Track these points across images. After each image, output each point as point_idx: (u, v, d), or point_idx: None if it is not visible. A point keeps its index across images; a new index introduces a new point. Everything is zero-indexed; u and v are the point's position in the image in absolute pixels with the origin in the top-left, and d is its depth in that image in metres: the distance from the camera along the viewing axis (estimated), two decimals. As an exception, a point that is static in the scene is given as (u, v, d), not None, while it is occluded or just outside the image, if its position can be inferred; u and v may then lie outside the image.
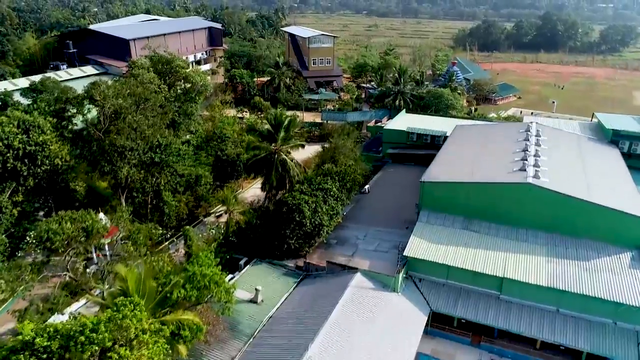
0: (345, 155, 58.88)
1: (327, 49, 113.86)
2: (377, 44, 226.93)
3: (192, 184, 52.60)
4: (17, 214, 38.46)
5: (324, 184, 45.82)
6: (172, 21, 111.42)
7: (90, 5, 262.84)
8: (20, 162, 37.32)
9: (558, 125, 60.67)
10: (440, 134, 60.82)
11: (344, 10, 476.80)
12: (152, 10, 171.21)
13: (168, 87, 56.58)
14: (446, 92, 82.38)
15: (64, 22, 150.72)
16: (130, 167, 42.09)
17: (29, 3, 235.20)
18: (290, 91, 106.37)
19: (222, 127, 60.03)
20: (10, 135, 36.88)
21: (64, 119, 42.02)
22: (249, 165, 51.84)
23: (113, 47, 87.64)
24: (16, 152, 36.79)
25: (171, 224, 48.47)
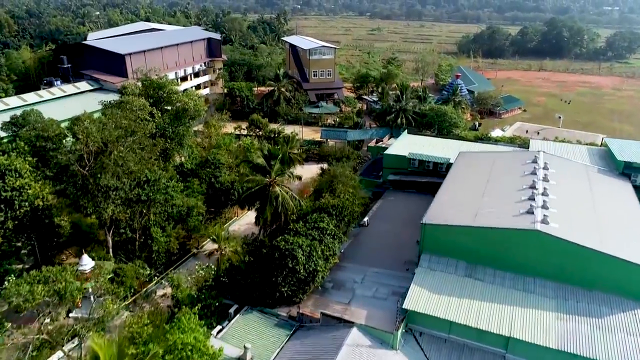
0: (344, 184, 56.65)
1: (328, 61, 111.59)
2: (380, 50, 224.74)
3: (184, 216, 50.44)
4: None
5: (320, 223, 43.57)
6: (170, 33, 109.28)
7: (92, 9, 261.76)
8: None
9: (566, 153, 58.21)
10: (443, 161, 58.50)
11: (347, 12, 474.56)
12: (152, 18, 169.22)
13: (161, 113, 54.45)
14: (449, 110, 79.99)
15: (63, 29, 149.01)
16: (115, 206, 39.93)
17: (30, 8, 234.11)
18: (290, 104, 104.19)
19: (215, 153, 57.81)
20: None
21: (45, 158, 39.85)
22: (242, 198, 49.60)
23: (108, 62, 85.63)
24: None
25: (160, 261, 46.30)
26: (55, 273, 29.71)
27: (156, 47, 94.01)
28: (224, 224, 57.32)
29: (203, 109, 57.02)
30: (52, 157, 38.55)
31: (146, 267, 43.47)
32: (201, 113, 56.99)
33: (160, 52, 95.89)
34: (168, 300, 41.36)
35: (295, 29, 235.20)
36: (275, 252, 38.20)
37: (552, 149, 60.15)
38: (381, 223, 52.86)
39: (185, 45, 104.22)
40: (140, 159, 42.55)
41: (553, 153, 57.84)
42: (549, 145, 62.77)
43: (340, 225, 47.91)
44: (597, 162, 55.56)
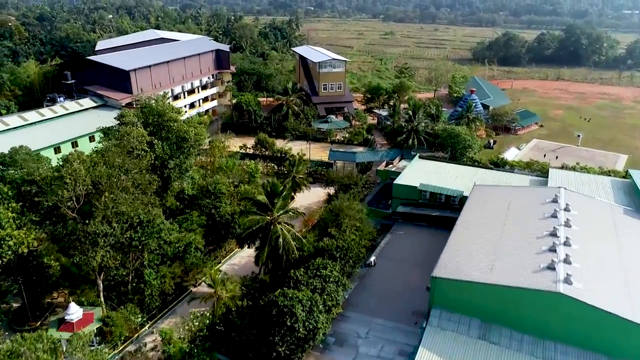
0: (351, 217, 53.77)
1: (338, 74, 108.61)
2: (393, 56, 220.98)
3: (180, 253, 47.97)
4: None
5: (323, 270, 40.80)
6: (178, 45, 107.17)
7: (104, 12, 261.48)
8: None
9: (588, 187, 54.69)
10: (456, 194, 55.40)
11: (360, 14, 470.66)
12: (162, 25, 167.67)
13: (161, 140, 52.08)
14: (463, 131, 76.50)
15: (73, 37, 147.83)
16: (105, 252, 37.56)
17: (43, 12, 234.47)
18: (299, 119, 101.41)
19: (215, 182, 55.21)
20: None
21: (32, 202, 37.60)
22: (242, 237, 46.99)
23: (113, 77, 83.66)
24: None
25: (154, 304, 43.85)
26: (28, 345, 27.30)
27: (162, 62, 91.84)
28: (225, 258, 54.74)
29: (204, 136, 54.49)
30: (39, 202, 36.34)
31: (137, 313, 41.04)
32: (202, 141, 54.44)
33: (167, 66, 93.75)
34: (159, 352, 38.87)
35: (307, 35, 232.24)
36: (272, 309, 35.48)
37: (572, 181, 56.77)
38: (389, 262, 49.94)
39: (192, 58, 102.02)
40: (134, 199, 40.14)
41: (574, 186, 54.55)
42: (569, 176, 59.25)
43: (344, 268, 45.20)
44: (621, 198, 51.95)
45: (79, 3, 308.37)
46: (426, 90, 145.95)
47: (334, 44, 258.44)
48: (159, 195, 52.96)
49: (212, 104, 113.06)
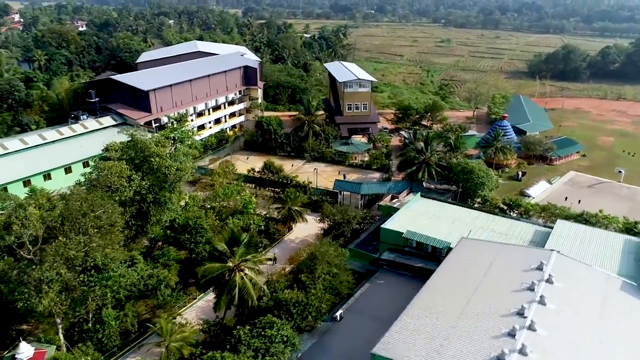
0: (329, 263, 51.74)
1: (364, 94, 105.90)
2: (442, 67, 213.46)
3: (147, 291, 48.28)
4: None
5: (268, 330, 39.23)
6: (205, 63, 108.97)
7: (165, 18, 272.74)
8: None
9: (594, 247, 49.25)
10: (442, 246, 51.73)
11: (420, 19, 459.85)
12: (205, 36, 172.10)
13: (142, 176, 52.76)
14: (477, 167, 71.63)
15: (123, 46, 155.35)
16: (54, 297, 38.30)
17: (109, 18, 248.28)
18: (320, 139, 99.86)
19: (196, 218, 55.14)
20: None
21: None
22: (201, 283, 46.47)
23: (134, 97, 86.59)
24: None
25: (111, 343, 44.31)
26: None
27: (184, 81, 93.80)
28: (200, 295, 54.40)
29: (186, 171, 54.40)
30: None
31: (89, 354, 41.55)
32: (184, 177, 54.44)
33: (189, 84, 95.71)
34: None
35: (354, 44, 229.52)
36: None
37: (578, 238, 51.50)
38: (358, 317, 47.42)
39: (218, 75, 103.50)
40: (89, 242, 40.65)
41: (577, 245, 49.46)
42: (578, 231, 53.70)
43: (300, 325, 43.41)
44: (628, 266, 46.14)
45: (145, 8, 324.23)
46: (467, 108, 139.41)
47: (384, 52, 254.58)
48: (140, 227, 54.04)
49: (239, 120, 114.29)
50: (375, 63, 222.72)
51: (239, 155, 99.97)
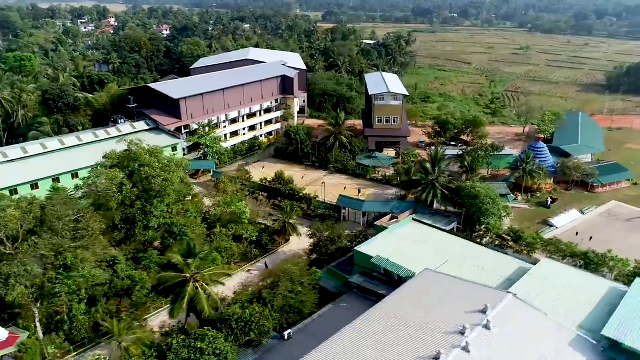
0: (294, 282, 52.75)
1: (394, 107, 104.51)
2: (511, 77, 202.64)
3: (121, 292, 52.47)
4: None
5: (200, 342, 41.24)
6: (242, 72, 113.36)
7: (240, 23, 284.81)
8: None
9: (569, 294, 45.51)
10: (407, 275, 50.45)
11: (504, 23, 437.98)
12: (261, 44, 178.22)
13: (133, 184, 57.38)
14: (483, 192, 68.07)
15: (186, 53, 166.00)
16: (23, 290, 43.41)
17: (187, 23, 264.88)
18: (345, 151, 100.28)
19: (182, 225, 58.67)
20: None
21: None
22: (158, 290, 49.64)
23: (166, 104, 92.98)
24: None
25: (79, 336, 48.92)
26: None
27: (217, 90, 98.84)
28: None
29: (171, 182, 57.96)
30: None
31: (56, 343, 46.43)
32: (170, 187, 58.10)
33: (222, 93, 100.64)
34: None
35: (415, 52, 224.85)
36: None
37: (559, 280, 48.03)
38: (307, 339, 47.66)
39: (252, 85, 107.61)
40: (61, 243, 45.44)
41: (550, 289, 46.05)
42: (561, 273, 49.81)
43: (240, 340, 44.98)
44: (597, 318, 42.04)
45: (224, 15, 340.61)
46: (518, 123, 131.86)
47: (453, 59, 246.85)
48: (128, 231, 58.74)
49: (276, 127, 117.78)
50: (438, 71, 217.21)
51: (267, 162, 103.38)
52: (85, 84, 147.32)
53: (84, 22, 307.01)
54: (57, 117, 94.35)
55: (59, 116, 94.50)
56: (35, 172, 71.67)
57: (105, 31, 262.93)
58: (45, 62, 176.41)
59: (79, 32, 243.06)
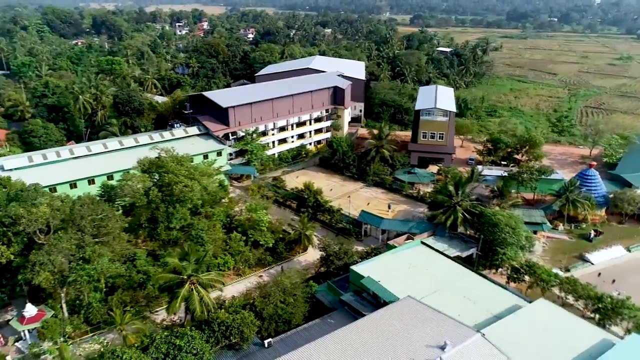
0: (286, 292, 55.61)
1: (440, 123, 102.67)
2: (598, 91, 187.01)
3: (135, 285, 58.80)
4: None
5: (178, 340, 45.51)
6: (293, 82, 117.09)
7: (321, 28, 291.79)
8: None
9: (555, 329, 43.60)
10: (390, 300, 51.00)
11: (610, 29, 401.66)
12: (327, 52, 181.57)
13: (159, 188, 63.74)
14: (504, 220, 65.62)
15: (258, 59, 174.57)
16: (47, 275, 50.87)
17: (271, 28, 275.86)
18: (385, 165, 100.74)
19: (200, 229, 63.71)
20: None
21: (10, 226, 53.19)
22: (158, 288, 54.80)
23: (217, 111, 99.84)
24: None
25: (96, 319, 55.81)
26: None
27: (265, 99, 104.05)
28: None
29: (196, 190, 63.20)
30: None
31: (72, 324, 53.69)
32: (189, 194, 63.24)
33: (271, 102, 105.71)
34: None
35: (492, 62, 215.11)
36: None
37: (548, 323, 46.36)
38: (287, 349, 50.17)
39: (302, 95, 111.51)
40: (83, 239, 52.44)
41: (527, 332, 44.41)
42: (553, 316, 47.58)
43: (220, 342, 48.71)
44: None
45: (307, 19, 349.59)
46: (588, 145, 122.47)
47: (537, 69, 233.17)
48: (152, 230, 65.28)
49: (326, 136, 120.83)
50: (516, 82, 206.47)
51: (311, 170, 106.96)
52: (166, 85, 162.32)
53: (181, 26, 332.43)
54: (124, 119, 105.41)
55: (126, 118, 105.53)
56: (92, 169, 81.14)
57: (195, 35, 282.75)
58: (139, 63, 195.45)
59: (172, 35, 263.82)
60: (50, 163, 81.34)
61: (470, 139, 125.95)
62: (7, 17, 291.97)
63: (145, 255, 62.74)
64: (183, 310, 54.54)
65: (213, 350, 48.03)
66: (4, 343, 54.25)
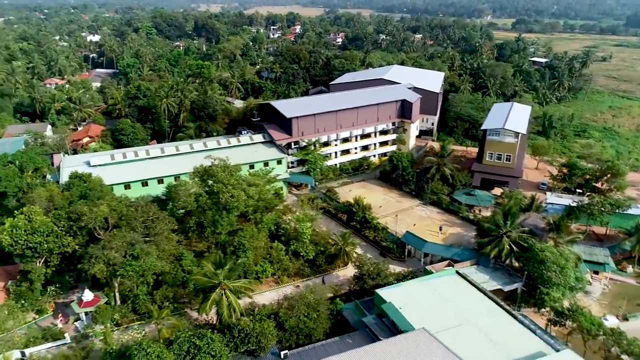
0: (310, 307, 57.57)
1: (509, 145, 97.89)
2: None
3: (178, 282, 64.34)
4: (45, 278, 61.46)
5: (198, 339, 49.35)
6: (359, 95, 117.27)
7: (410, 34, 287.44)
8: (28, 250, 59.06)
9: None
10: (404, 330, 50.84)
11: None
12: (406, 61, 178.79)
13: (209, 196, 68.94)
14: (551, 258, 61.70)
15: (337, 66, 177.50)
16: (102, 267, 57.84)
17: (357, 34, 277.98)
18: (443, 185, 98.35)
19: (242, 236, 67.75)
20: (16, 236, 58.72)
21: (75, 221, 60.83)
22: (194, 288, 59.23)
23: (281, 120, 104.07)
24: (22, 245, 58.54)
25: (142, 310, 62.03)
26: None
27: (329, 111, 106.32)
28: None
29: (239, 200, 67.24)
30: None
31: (120, 313, 60.30)
32: (234, 203, 67.35)
33: (335, 114, 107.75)
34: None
35: (591, 75, 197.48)
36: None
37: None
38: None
39: (368, 108, 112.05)
40: (135, 237, 58.81)
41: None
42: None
43: (239, 348, 51.96)
44: None
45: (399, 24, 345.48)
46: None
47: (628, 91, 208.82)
48: (200, 233, 70.73)
49: (391, 149, 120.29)
50: (618, 98, 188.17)
51: (370, 183, 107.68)
52: (248, 89, 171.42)
53: (275, 29, 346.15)
54: (199, 123, 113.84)
55: (201, 122, 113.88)
56: (162, 170, 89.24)
57: (287, 38, 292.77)
58: (229, 66, 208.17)
59: (263, 39, 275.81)
60: (128, 162, 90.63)
61: (547, 161, 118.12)
62: (124, 19, 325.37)
63: (192, 256, 68.11)
64: (215, 312, 58.78)
65: (231, 354, 51.55)
66: (66, 321, 62.41)
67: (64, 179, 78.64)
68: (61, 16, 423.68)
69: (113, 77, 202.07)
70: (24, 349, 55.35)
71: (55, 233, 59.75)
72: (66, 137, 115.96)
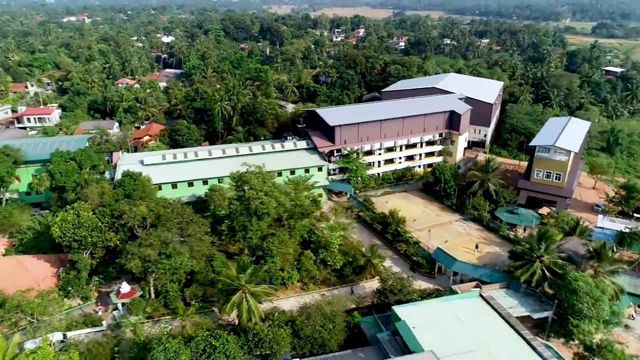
0: (326, 318, 58.70)
1: (559, 163, 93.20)
2: None
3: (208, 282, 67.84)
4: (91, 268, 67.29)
5: (214, 340, 52.15)
6: (404, 104, 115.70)
7: (475, 39, 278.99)
8: (75, 243, 64.77)
9: None
10: (414, 351, 50.64)
11: None
12: (464, 70, 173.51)
13: (241, 201, 72.04)
14: (585, 288, 58.44)
15: (393, 72, 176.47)
16: (138, 263, 62.48)
17: (419, 38, 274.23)
18: (487, 201, 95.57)
19: (269, 242, 70.13)
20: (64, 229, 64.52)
21: (118, 218, 65.83)
22: (217, 288, 62.11)
23: (325, 128, 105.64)
24: (70, 237, 64.31)
25: (172, 305, 66.11)
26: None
27: (372, 120, 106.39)
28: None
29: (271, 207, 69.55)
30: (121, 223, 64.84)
31: (152, 306, 64.67)
32: (263, 210, 69.62)
33: (379, 123, 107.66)
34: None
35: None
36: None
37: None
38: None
39: (414, 118, 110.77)
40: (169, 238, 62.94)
41: None
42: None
43: (252, 350, 54.23)
44: None
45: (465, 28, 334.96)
46: None
47: None
48: (231, 237, 74.03)
49: (438, 160, 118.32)
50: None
51: (411, 194, 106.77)
52: (303, 93, 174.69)
53: (339, 32, 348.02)
54: (249, 127, 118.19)
55: (250, 127, 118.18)
56: (208, 172, 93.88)
57: (348, 42, 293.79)
58: (289, 70, 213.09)
59: (325, 42, 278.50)
60: (177, 162, 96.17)
61: (606, 180, 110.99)
62: (197, 21, 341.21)
63: (223, 257, 71.49)
64: (236, 314, 61.51)
65: (245, 357, 53.97)
66: (105, 310, 67.92)
67: (118, 176, 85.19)
68: (141, 17, 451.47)
69: (179, 77, 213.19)
70: (65, 332, 61.20)
71: (99, 228, 65.29)
72: (129, 135, 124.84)
